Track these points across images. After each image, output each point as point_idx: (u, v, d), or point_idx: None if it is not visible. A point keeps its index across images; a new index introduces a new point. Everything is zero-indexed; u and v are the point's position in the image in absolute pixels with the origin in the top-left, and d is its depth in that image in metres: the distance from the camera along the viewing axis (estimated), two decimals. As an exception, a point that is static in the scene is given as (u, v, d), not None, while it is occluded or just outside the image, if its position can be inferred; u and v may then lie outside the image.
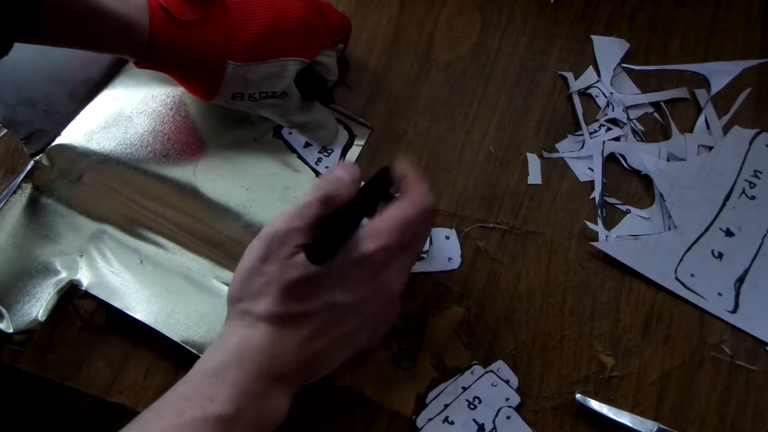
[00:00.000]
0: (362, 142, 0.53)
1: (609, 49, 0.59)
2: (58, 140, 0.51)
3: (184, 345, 0.45)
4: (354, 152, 0.53)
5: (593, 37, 0.60)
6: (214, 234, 0.49)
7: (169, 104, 0.53)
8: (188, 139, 0.52)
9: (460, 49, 0.59)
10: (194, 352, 0.45)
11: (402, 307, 0.42)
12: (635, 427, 0.45)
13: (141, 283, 0.46)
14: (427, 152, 0.54)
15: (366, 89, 0.56)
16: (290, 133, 0.53)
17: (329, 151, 0.53)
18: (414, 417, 0.46)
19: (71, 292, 0.46)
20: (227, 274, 0.47)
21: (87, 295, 0.46)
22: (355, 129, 0.54)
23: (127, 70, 0.54)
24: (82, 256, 0.47)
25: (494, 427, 0.45)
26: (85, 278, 0.46)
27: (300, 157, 0.52)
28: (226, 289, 0.47)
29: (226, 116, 0.53)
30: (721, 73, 0.59)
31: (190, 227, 0.49)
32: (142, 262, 0.47)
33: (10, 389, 0.52)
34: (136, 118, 0.52)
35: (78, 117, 0.52)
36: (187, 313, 0.46)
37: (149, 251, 0.48)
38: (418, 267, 0.50)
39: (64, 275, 0.46)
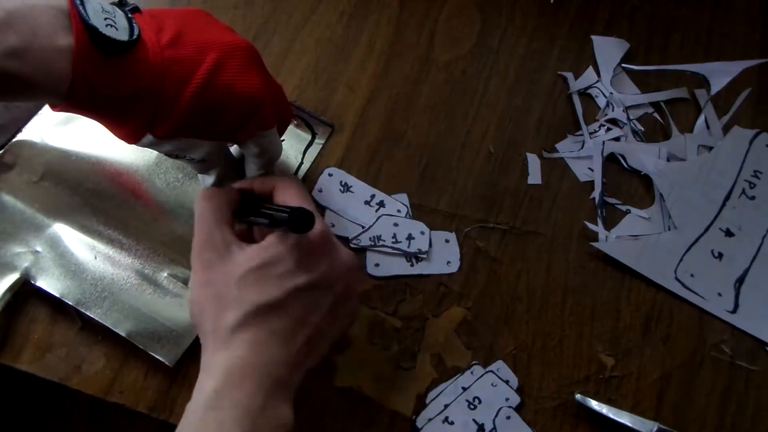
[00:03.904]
0: (323, 141, 0.53)
1: (609, 49, 0.59)
2: (19, 136, 0.50)
3: (130, 339, 0.45)
4: (314, 150, 0.53)
5: (593, 37, 0.60)
6: (167, 232, 0.49)
7: None
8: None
9: (460, 49, 0.59)
10: (141, 347, 0.45)
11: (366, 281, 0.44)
12: (635, 427, 0.45)
13: (94, 279, 0.46)
14: (427, 152, 0.54)
15: (366, 89, 0.56)
16: None
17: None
18: (414, 417, 0.45)
19: (25, 289, 0.46)
20: (180, 270, 0.48)
21: (41, 291, 0.46)
22: (316, 128, 0.54)
23: None
24: (38, 252, 0.47)
25: (494, 427, 0.45)
26: (39, 275, 0.46)
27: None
28: (178, 284, 0.47)
29: None
30: (721, 73, 0.59)
31: (144, 224, 0.49)
32: (96, 257, 0.47)
33: (10, 389, 0.52)
34: None
35: (39, 113, 0.51)
36: (137, 308, 0.46)
37: (104, 247, 0.48)
38: (417, 268, 0.50)
39: (19, 272, 0.46)
